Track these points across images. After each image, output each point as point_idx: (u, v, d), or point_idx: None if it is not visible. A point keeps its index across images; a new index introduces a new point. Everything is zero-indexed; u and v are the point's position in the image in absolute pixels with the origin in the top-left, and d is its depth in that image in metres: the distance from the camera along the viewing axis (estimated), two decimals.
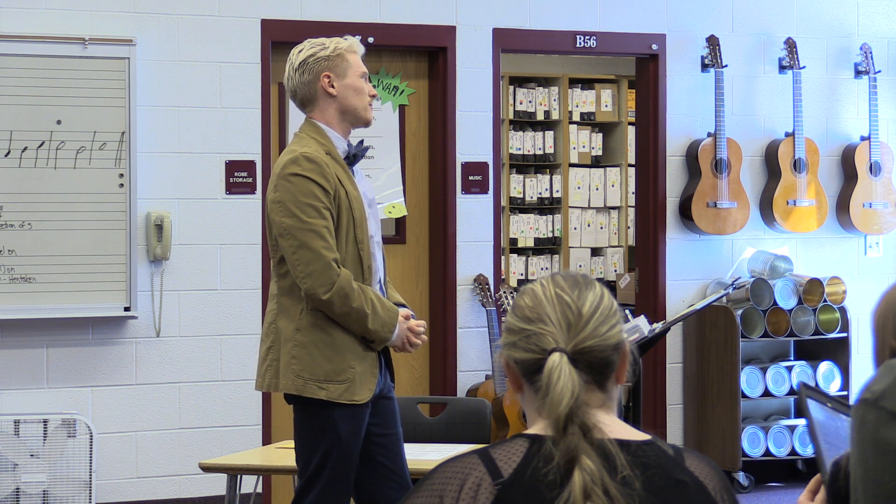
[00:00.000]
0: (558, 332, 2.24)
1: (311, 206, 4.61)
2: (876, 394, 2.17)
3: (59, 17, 7.23)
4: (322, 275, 4.59)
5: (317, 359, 4.64)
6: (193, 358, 7.44)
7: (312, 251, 4.59)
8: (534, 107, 10.79)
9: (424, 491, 2.23)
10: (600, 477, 2.13)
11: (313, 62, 4.73)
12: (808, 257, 8.60)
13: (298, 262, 4.61)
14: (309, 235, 4.60)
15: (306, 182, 4.62)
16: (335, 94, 4.74)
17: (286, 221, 4.63)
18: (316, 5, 7.66)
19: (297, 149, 4.69)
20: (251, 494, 6.39)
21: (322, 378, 4.63)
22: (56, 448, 7.07)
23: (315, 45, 4.77)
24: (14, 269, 7.08)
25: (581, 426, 2.16)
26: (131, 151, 7.24)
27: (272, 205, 4.68)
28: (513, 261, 10.71)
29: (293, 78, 4.76)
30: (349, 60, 4.76)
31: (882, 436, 2.13)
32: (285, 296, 4.70)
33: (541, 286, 2.31)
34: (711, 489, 2.26)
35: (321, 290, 4.58)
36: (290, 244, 4.62)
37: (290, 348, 4.66)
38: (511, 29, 8.03)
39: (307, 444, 4.69)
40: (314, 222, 4.60)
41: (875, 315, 2.57)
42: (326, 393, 4.62)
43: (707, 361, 8.28)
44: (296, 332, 4.66)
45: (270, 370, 4.71)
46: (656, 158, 8.35)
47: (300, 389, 4.64)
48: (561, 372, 2.19)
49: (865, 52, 8.60)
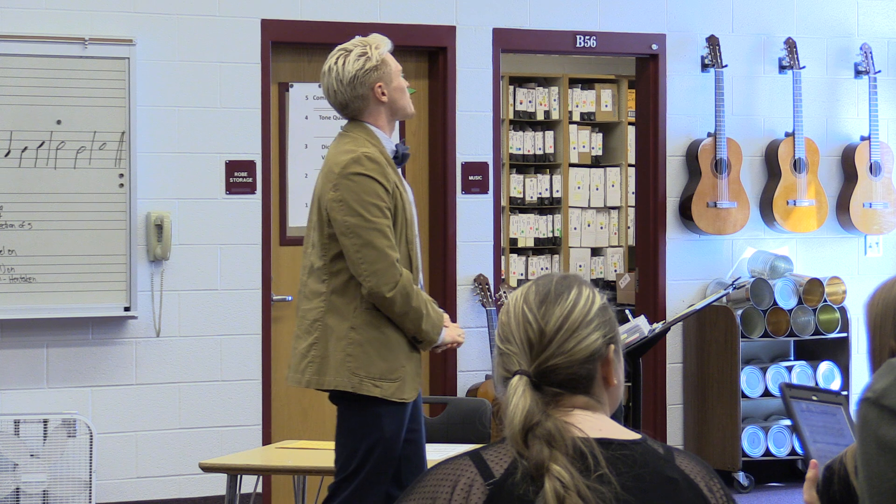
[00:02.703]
0: (521, 353, 2.26)
1: (374, 206, 4.68)
2: (877, 392, 2.18)
3: (59, 17, 7.23)
4: (386, 273, 4.66)
5: (372, 357, 4.71)
6: (193, 358, 7.44)
7: (377, 250, 4.66)
8: (534, 107, 10.79)
9: (417, 493, 2.25)
10: (573, 481, 2.14)
11: (363, 76, 4.80)
12: (808, 257, 8.61)
13: (363, 261, 4.67)
14: (373, 234, 4.66)
15: (369, 181, 4.69)
16: (386, 100, 4.83)
17: (350, 220, 4.68)
18: (316, 5, 7.66)
19: (355, 149, 4.75)
20: (251, 494, 6.39)
21: (377, 376, 4.70)
22: (56, 448, 7.07)
23: (359, 58, 4.82)
24: (14, 269, 7.08)
25: (544, 436, 2.17)
26: (131, 151, 7.24)
27: (333, 203, 4.71)
28: (513, 261, 10.71)
29: (342, 92, 4.82)
30: (390, 64, 4.86)
31: (883, 434, 2.13)
32: (336, 294, 4.75)
33: (514, 300, 2.31)
34: (704, 487, 2.27)
35: (385, 288, 4.65)
36: (353, 243, 4.68)
37: (345, 346, 4.71)
38: (511, 29, 8.04)
39: (351, 441, 4.74)
40: (378, 221, 4.68)
41: (871, 313, 2.57)
42: (381, 391, 4.69)
43: (707, 361, 8.28)
44: (350, 330, 4.72)
45: (312, 366, 4.76)
46: (656, 158, 8.35)
47: (356, 387, 4.70)
48: (514, 394, 2.22)
49: (865, 52, 8.60)
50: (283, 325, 7.71)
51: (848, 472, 2.48)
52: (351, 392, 4.71)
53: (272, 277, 7.63)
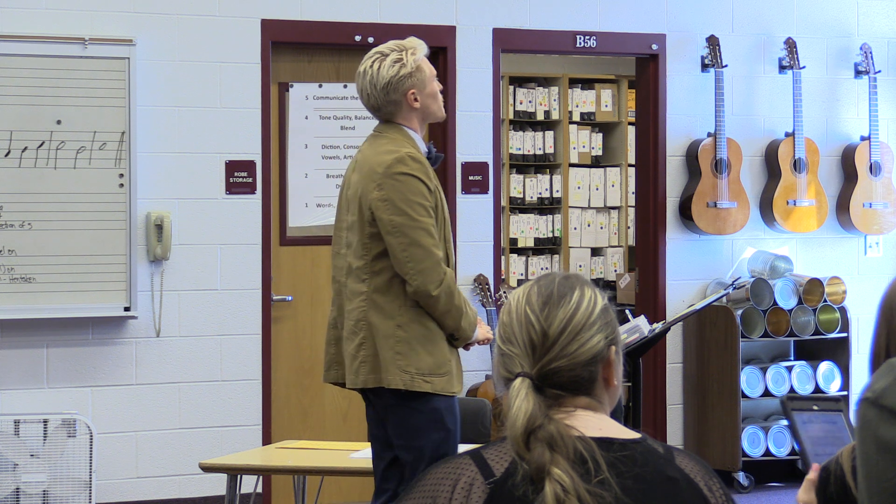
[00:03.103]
0: (523, 355, 2.26)
1: (420, 205, 4.74)
2: (877, 392, 2.17)
3: (59, 17, 7.23)
4: (433, 272, 4.71)
5: (420, 353, 4.75)
6: (193, 358, 7.44)
7: (424, 248, 4.71)
8: (534, 107, 10.79)
9: (417, 492, 2.25)
10: (573, 485, 2.14)
11: (398, 82, 4.84)
12: (808, 257, 8.61)
13: (409, 260, 4.71)
14: (420, 233, 4.72)
15: (414, 181, 4.75)
16: (418, 106, 4.87)
17: (396, 219, 4.73)
18: (316, 5, 7.66)
19: (396, 149, 4.79)
20: (251, 494, 6.39)
21: (426, 372, 4.74)
22: (56, 448, 7.07)
23: (395, 64, 4.85)
24: (14, 269, 7.08)
25: (546, 440, 2.17)
26: (131, 151, 7.24)
27: (378, 203, 4.74)
28: (513, 261, 10.71)
29: (376, 96, 4.86)
30: (424, 70, 4.89)
31: (882, 434, 2.13)
32: (379, 293, 4.78)
33: (516, 300, 2.31)
34: (704, 486, 2.27)
35: (432, 286, 4.70)
36: (400, 242, 4.72)
37: (393, 344, 4.75)
38: (511, 29, 8.04)
39: (418, 438, 4.77)
40: (424, 220, 4.73)
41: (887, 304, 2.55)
42: (431, 386, 4.74)
43: (707, 361, 8.28)
44: (396, 328, 4.75)
45: (364, 366, 4.79)
46: (656, 158, 8.35)
47: (408, 384, 4.73)
48: (517, 396, 2.21)
49: (865, 52, 8.60)
50: (283, 325, 7.71)
51: (844, 472, 2.48)
52: (403, 390, 4.74)
53: (272, 277, 7.63)
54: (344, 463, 5.49)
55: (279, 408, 7.68)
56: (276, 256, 7.70)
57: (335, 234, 4.98)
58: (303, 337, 7.76)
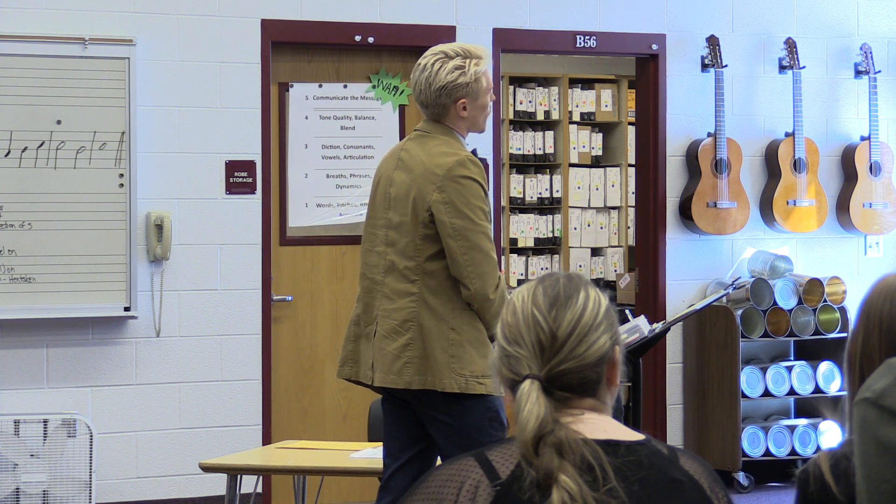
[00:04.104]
0: (531, 357, 2.25)
1: (480, 209, 4.78)
2: (877, 393, 2.17)
3: (59, 17, 7.23)
4: (491, 275, 4.73)
5: (473, 356, 4.75)
6: (193, 358, 7.44)
7: (483, 252, 4.73)
8: (534, 107, 10.79)
9: (422, 494, 2.24)
10: (580, 493, 2.14)
11: (452, 88, 4.84)
12: (808, 257, 8.60)
13: (469, 263, 4.72)
14: (480, 237, 4.74)
15: (475, 185, 4.78)
16: (465, 115, 4.87)
17: (457, 222, 4.73)
18: (316, 5, 7.66)
19: (455, 151, 4.80)
20: (251, 494, 6.39)
21: (480, 374, 4.75)
22: (56, 448, 7.07)
23: (455, 70, 4.84)
24: (14, 269, 7.08)
25: (555, 445, 2.17)
26: (131, 151, 7.24)
27: (439, 205, 4.74)
28: (513, 261, 10.71)
29: (428, 94, 4.85)
30: (482, 83, 4.90)
31: (882, 434, 2.13)
32: (431, 294, 4.77)
33: (521, 301, 2.30)
34: (707, 487, 2.27)
35: (490, 289, 4.72)
36: (461, 245, 4.73)
37: (447, 347, 4.74)
38: (511, 29, 8.03)
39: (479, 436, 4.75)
40: (484, 224, 4.77)
41: (869, 307, 2.55)
42: (485, 388, 4.75)
43: (707, 361, 8.28)
44: (450, 331, 4.75)
45: (410, 367, 4.77)
46: (656, 158, 8.35)
47: (463, 387, 4.73)
48: (528, 399, 2.20)
49: (865, 52, 8.60)
50: (283, 325, 7.71)
51: (823, 472, 2.49)
52: (457, 393, 4.74)
53: (272, 277, 7.63)
54: (344, 463, 5.49)
55: (279, 408, 7.68)
56: (276, 256, 7.70)
57: (367, 231, 4.94)
58: (303, 337, 7.76)
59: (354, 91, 7.79)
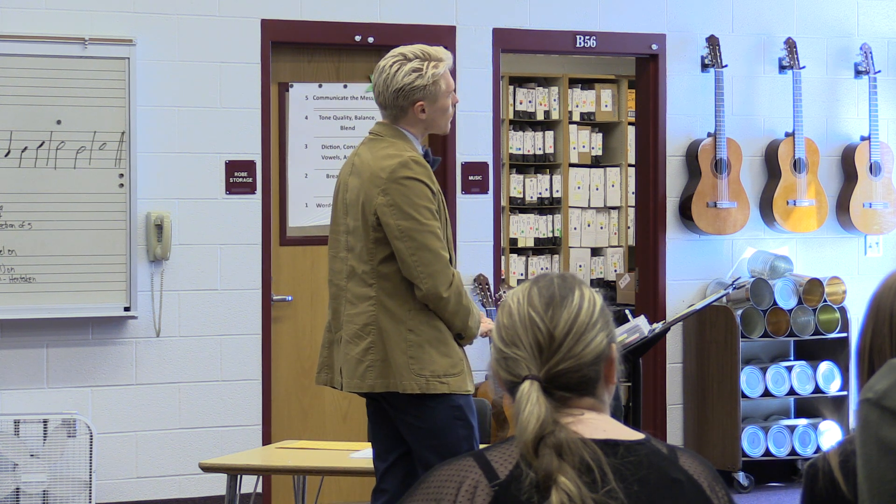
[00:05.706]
0: (530, 357, 2.25)
1: (426, 208, 4.74)
2: (878, 393, 2.16)
3: (59, 17, 7.23)
4: (442, 274, 4.72)
5: (433, 356, 4.75)
6: (193, 358, 7.44)
7: (432, 252, 4.72)
8: (534, 107, 10.79)
9: (420, 494, 2.24)
10: (579, 494, 2.14)
11: (409, 90, 4.81)
12: (808, 257, 8.60)
13: (419, 263, 4.71)
14: (428, 237, 4.72)
15: (419, 185, 4.74)
16: (424, 118, 4.85)
17: (403, 224, 4.72)
18: (316, 5, 7.66)
19: (399, 153, 4.78)
20: (251, 494, 6.39)
21: (441, 373, 4.75)
22: (56, 448, 7.07)
23: (413, 72, 4.81)
24: (14, 269, 7.08)
25: (555, 446, 2.17)
26: (131, 151, 7.24)
27: (384, 208, 4.74)
28: (513, 261, 10.71)
29: (385, 96, 4.84)
30: (441, 85, 4.85)
31: (884, 435, 2.12)
32: (388, 297, 4.77)
33: (517, 302, 2.30)
34: (707, 487, 2.27)
35: (442, 288, 4.71)
36: (408, 246, 4.72)
37: (406, 349, 4.75)
38: (511, 29, 8.03)
39: (443, 436, 4.76)
40: (431, 223, 4.74)
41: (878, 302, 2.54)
42: (448, 387, 4.74)
43: (707, 361, 8.28)
44: (408, 332, 4.75)
45: (372, 371, 4.78)
46: (656, 158, 8.35)
47: (424, 388, 4.73)
48: (528, 400, 2.20)
49: (865, 52, 8.60)
50: (283, 325, 7.71)
51: (832, 468, 2.48)
52: (419, 394, 4.74)
53: (272, 277, 7.63)
54: (344, 463, 5.49)
55: (279, 408, 7.68)
56: (276, 256, 7.70)
57: (332, 238, 4.96)
58: (303, 337, 7.76)
59: (354, 91, 7.79)
